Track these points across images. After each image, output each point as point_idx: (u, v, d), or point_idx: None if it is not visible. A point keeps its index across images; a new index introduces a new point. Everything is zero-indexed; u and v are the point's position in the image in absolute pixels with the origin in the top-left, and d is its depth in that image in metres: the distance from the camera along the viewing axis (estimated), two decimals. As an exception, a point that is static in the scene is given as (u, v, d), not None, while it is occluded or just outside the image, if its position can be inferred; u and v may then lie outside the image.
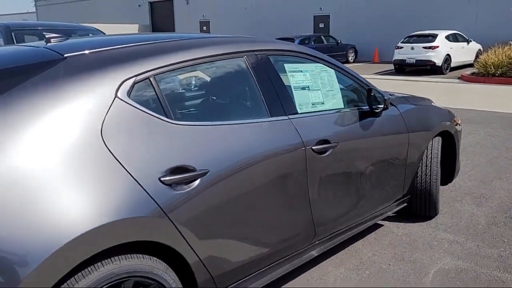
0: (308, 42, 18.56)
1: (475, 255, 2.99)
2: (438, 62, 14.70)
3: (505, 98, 9.80)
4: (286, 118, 2.33)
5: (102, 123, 1.68)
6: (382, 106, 2.87)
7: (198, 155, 1.89)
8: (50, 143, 1.55)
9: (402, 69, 15.76)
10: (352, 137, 2.67)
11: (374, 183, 2.88)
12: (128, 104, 1.77)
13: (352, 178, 2.70)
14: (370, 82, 3.01)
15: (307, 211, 2.42)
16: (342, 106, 2.74)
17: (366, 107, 2.85)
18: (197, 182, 1.85)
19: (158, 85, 1.92)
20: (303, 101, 2.50)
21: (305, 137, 2.35)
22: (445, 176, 3.74)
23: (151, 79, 1.89)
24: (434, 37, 15.06)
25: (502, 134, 6.45)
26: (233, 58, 2.28)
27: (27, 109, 1.56)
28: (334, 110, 2.66)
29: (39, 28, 6.40)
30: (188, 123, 1.94)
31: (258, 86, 2.29)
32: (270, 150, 2.18)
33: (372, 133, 2.81)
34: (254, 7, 26.63)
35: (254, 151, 2.11)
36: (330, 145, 2.46)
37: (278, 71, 2.42)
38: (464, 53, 15.93)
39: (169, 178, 1.76)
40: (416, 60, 14.99)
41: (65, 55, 1.79)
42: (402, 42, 15.66)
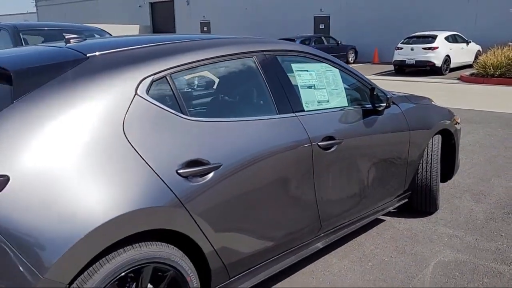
0: (308, 43, 18.62)
1: (474, 248, 3.10)
2: (438, 63, 14.82)
3: (504, 98, 9.92)
4: (293, 115, 2.44)
5: (124, 119, 1.79)
6: (384, 104, 2.97)
7: (211, 149, 2.00)
8: (77, 137, 1.66)
9: (402, 69, 15.88)
10: (355, 134, 2.78)
11: (376, 179, 2.99)
12: (147, 101, 1.88)
13: (355, 174, 2.81)
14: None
15: (313, 205, 2.53)
16: (346, 104, 2.85)
17: (369, 106, 2.96)
18: (211, 175, 1.96)
19: (174, 83, 2.03)
20: (309, 99, 2.61)
21: (311, 133, 2.46)
22: (445, 173, 3.85)
23: (168, 78, 2.00)
24: (434, 38, 15.18)
25: (500, 133, 6.56)
26: (243, 58, 2.39)
27: (56, 105, 1.67)
28: (339, 108, 2.78)
29: (46, 28, 6.51)
30: (202, 119, 2.05)
31: (266, 84, 2.40)
32: (278, 146, 2.29)
33: (375, 130, 2.92)
34: (254, 8, 26.73)
35: (263, 147, 2.22)
36: (335, 141, 2.57)
37: (285, 71, 2.54)
38: (463, 54, 16.05)
39: (185, 170, 1.87)
40: (416, 61, 15.10)
41: (87, 55, 1.90)
42: (402, 43, 15.77)
